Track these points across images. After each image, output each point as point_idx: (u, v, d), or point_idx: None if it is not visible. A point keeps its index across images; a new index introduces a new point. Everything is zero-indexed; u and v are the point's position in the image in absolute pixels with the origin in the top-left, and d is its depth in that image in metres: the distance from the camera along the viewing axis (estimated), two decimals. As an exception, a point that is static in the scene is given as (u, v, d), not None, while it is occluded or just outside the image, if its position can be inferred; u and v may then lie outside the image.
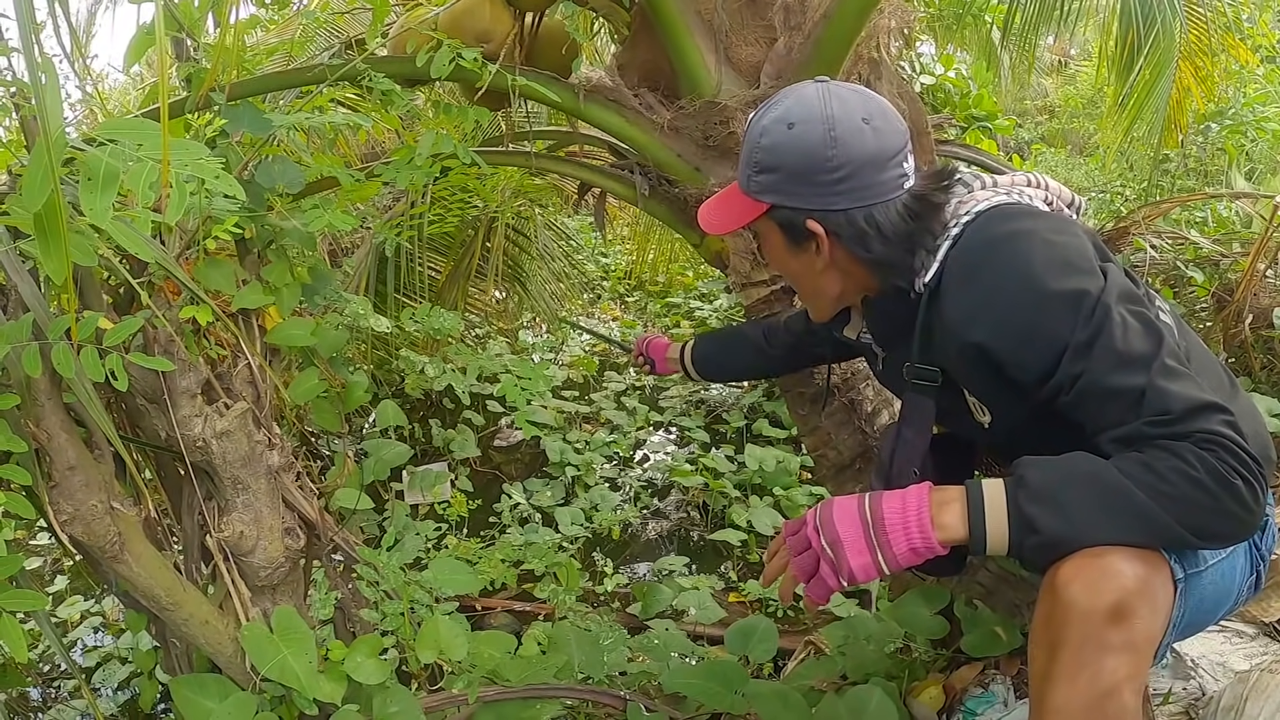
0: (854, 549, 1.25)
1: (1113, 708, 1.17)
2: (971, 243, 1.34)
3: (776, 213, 1.42)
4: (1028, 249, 1.27)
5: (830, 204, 1.37)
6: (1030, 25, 4.71)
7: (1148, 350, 1.19)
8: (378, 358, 4.26)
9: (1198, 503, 1.14)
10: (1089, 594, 1.18)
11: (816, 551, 1.29)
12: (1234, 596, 1.43)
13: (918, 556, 1.25)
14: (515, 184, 4.42)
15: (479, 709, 1.92)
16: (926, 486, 1.28)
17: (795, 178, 1.38)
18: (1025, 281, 1.25)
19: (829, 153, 1.35)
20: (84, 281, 1.57)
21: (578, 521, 3.77)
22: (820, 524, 1.28)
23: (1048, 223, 1.31)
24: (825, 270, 1.47)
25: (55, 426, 1.47)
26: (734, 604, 3.16)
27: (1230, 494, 1.13)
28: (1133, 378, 1.19)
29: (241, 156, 1.81)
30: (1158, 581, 1.21)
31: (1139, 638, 1.18)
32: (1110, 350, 1.20)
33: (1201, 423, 1.15)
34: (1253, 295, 3.17)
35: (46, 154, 0.90)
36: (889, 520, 1.25)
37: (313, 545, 1.91)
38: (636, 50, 2.43)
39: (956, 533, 1.23)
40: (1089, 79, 8.73)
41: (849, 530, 1.26)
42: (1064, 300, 1.22)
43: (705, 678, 2.03)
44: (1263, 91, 6.43)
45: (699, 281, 7.06)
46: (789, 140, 1.38)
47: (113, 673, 2.84)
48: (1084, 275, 1.24)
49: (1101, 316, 1.21)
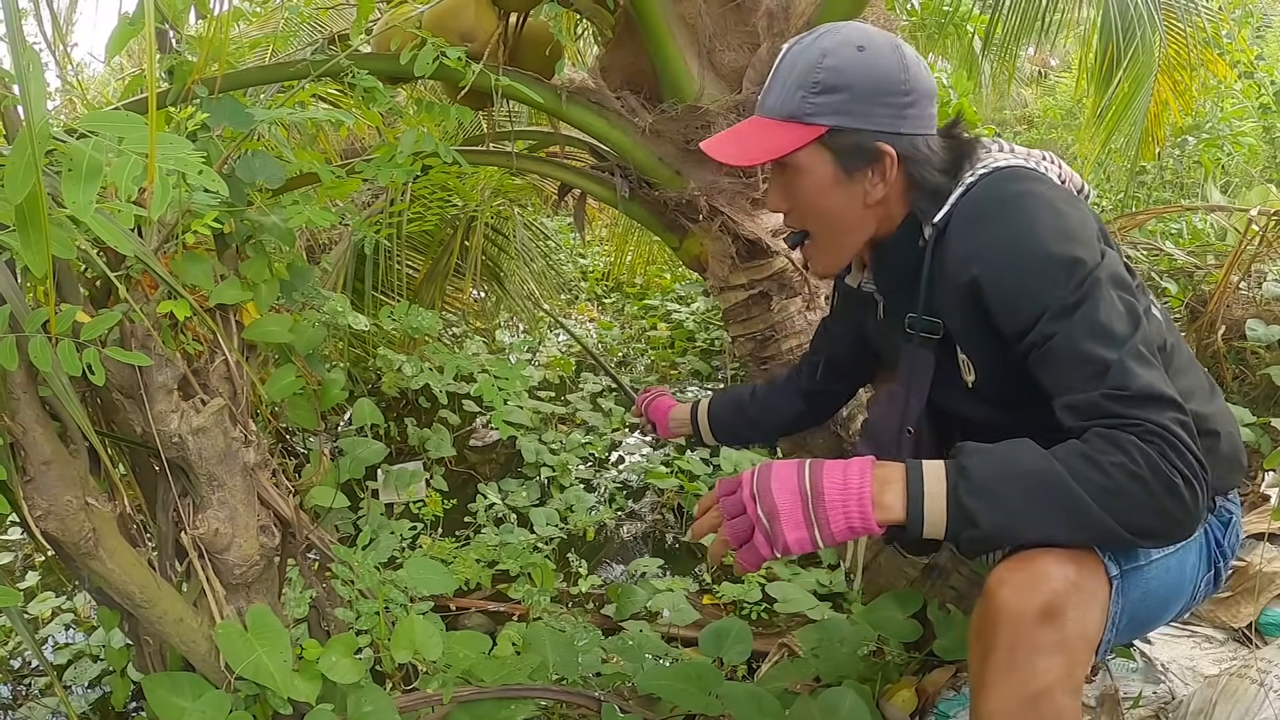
0: (790, 522, 1.23)
1: (1048, 709, 1.18)
2: (983, 193, 1.37)
3: (836, 136, 1.40)
4: (1035, 210, 1.30)
5: (899, 126, 1.39)
6: (1011, 36, 4.75)
7: (1125, 331, 1.22)
8: (355, 355, 4.24)
9: (1135, 499, 1.15)
10: (1018, 597, 1.19)
11: (751, 518, 1.26)
12: (1188, 593, 1.46)
13: (854, 534, 1.24)
14: (495, 183, 4.41)
15: (453, 709, 1.92)
16: (869, 461, 1.26)
17: (865, 98, 1.38)
18: (1026, 238, 1.28)
19: (902, 76, 1.38)
20: (61, 274, 1.55)
21: (553, 522, 3.77)
22: (757, 492, 1.26)
23: (1057, 192, 1.34)
24: (872, 204, 1.46)
25: (30, 421, 1.45)
26: (708, 606, 3.16)
27: (1169, 493, 1.15)
28: (1104, 350, 1.21)
29: (222, 150, 1.80)
30: (1090, 581, 1.24)
31: (1071, 638, 1.20)
32: (1090, 320, 1.23)
33: (1153, 413, 1.17)
34: (1226, 307, 3.21)
35: (29, 145, 0.90)
36: (829, 495, 1.23)
37: (288, 543, 1.90)
38: (620, 53, 2.43)
39: (895, 515, 1.23)
40: (1068, 90, 8.80)
41: (786, 502, 1.24)
42: (1059, 263, 1.25)
43: (679, 679, 2.03)
44: (1240, 106, 6.50)
45: (677, 284, 7.07)
46: (860, 61, 1.37)
47: (85, 670, 2.81)
48: (1083, 246, 1.27)
49: (1090, 288, 1.24)
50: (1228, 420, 1.47)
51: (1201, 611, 2.12)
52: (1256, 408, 2.98)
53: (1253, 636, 2.02)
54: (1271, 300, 3.20)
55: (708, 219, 2.30)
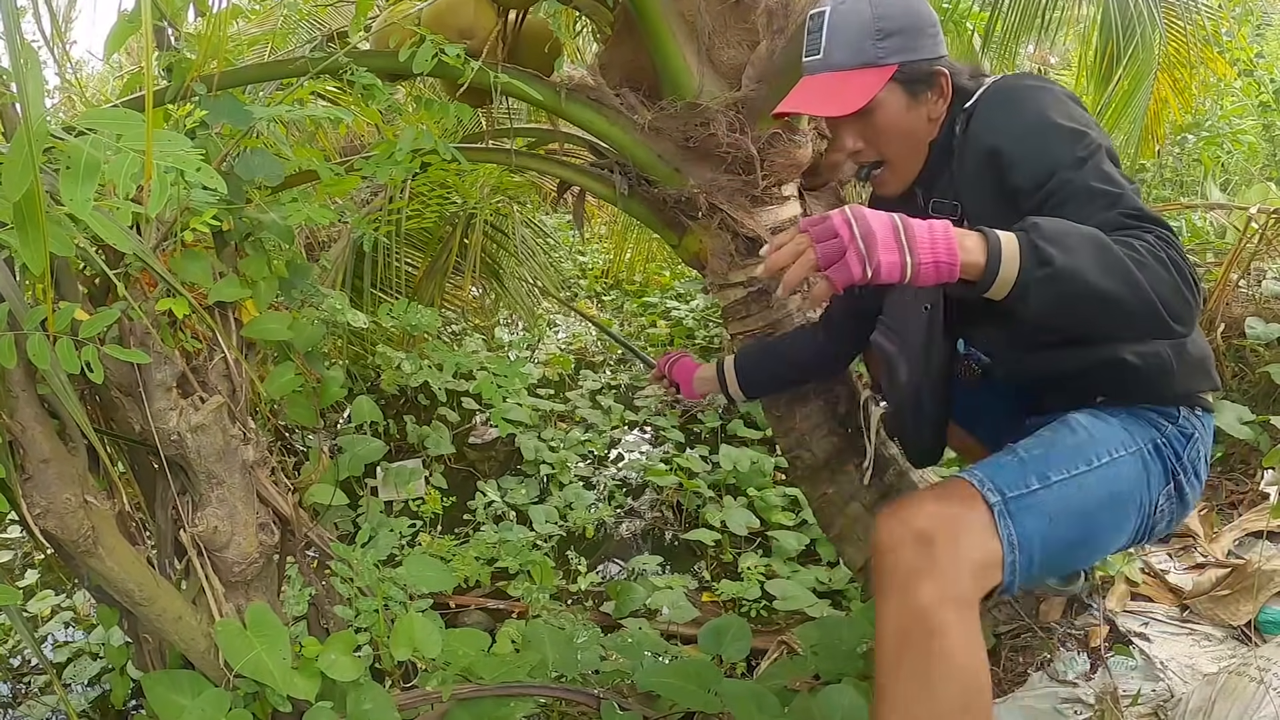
0: (886, 246, 1.28)
1: (921, 625, 1.29)
2: (1003, 84, 1.62)
3: (905, 70, 1.64)
4: (1048, 98, 1.54)
5: (938, 50, 1.66)
6: (1011, 33, 4.74)
7: (1122, 183, 1.44)
8: (354, 353, 4.23)
9: (1162, 276, 1.30)
10: (888, 534, 1.38)
11: (844, 241, 1.30)
12: (1137, 506, 1.56)
13: (939, 273, 1.30)
14: (494, 181, 4.41)
15: (453, 707, 1.92)
16: (947, 222, 1.33)
17: (915, 34, 1.64)
18: (1041, 114, 1.52)
19: (925, 9, 1.66)
20: (60, 272, 1.55)
21: (552, 520, 3.77)
22: (854, 217, 1.30)
23: (1068, 94, 1.57)
24: (935, 118, 1.69)
25: (29, 419, 1.45)
26: (707, 604, 3.17)
27: (1182, 278, 1.31)
28: (1111, 187, 1.43)
29: (220, 148, 1.80)
30: (961, 510, 1.40)
31: (942, 559, 1.33)
32: (1098, 169, 1.45)
33: (1158, 228, 1.36)
34: (1225, 305, 3.21)
35: (27, 142, 0.89)
36: (918, 234, 1.30)
37: (287, 541, 1.90)
38: (619, 50, 2.43)
39: (976, 257, 1.30)
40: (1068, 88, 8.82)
41: (882, 229, 1.29)
42: (1069, 132, 1.48)
43: (679, 677, 2.03)
44: (1239, 104, 6.50)
45: (676, 281, 7.06)
46: (900, 5, 1.64)
47: (84, 668, 2.81)
48: (1086, 125, 1.50)
49: (1094, 151, 1.46)
50: (1199, 333, 1.65)
51: (1201, 610, 2.12)
52: (1256, 405, 2.97)
53: (1252, 634, 2.02)
54: (1271, 298, 3.19)
55: (707, 216, 2.30)
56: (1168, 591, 2.24)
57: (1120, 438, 1.56)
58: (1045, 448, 1.52)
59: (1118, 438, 1.56)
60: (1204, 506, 2.66)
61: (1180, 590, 2.22)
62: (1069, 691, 1.94)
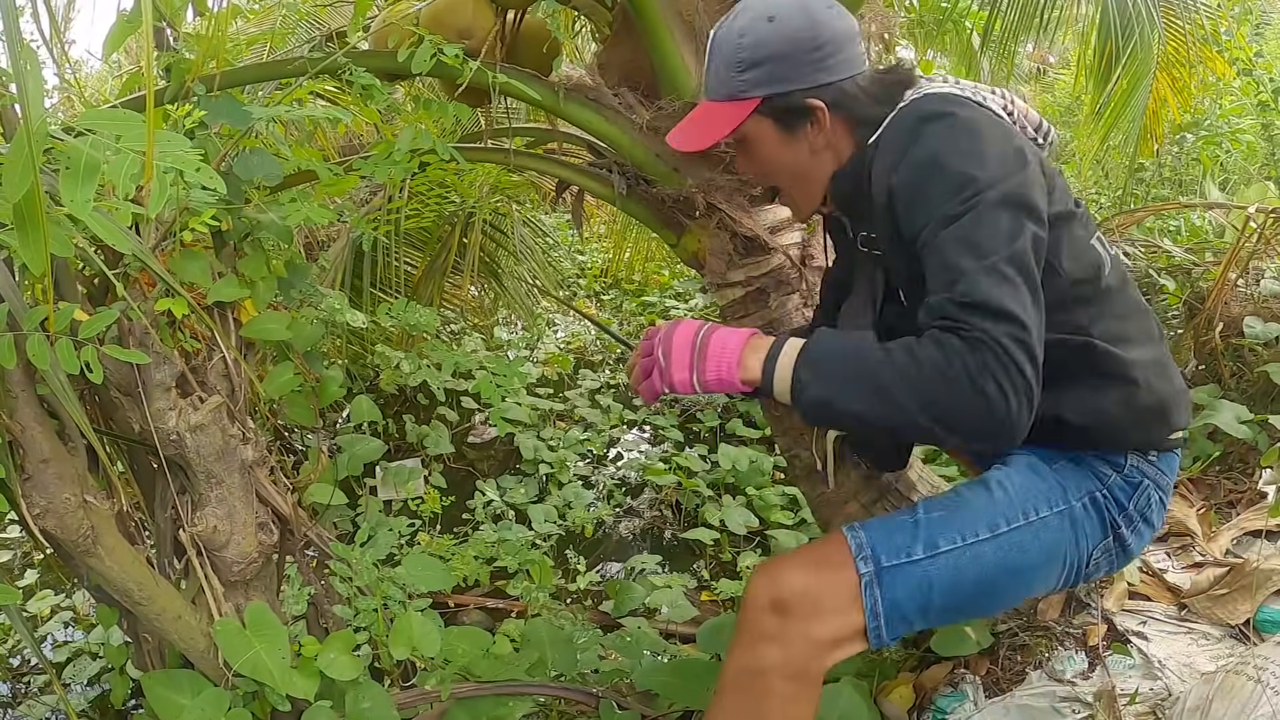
0: (679, 365, 1.44)
1: (760, 686, 1.39)
2: (906, 114, 1.47)
3: (770, 104, 1.54)
4: (945, 129, 1.39)
5: (823, 79, 1.51)
6: (1010, 33, 4.74)
7: (993, 248, 1.28)
8: (353, 352, 4.24)
9: (939, 395, 1.25)
10: (758, 587, 1.42)
11: (654, 359, 1.48)
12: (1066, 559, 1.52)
13: (723, 386, 1.42)
14: (493, 180, 4.41)
15: (451, 706, 1.92)
16: (752, 331, 1.45)
17: (785, 62, 1.51)
18: (929, 154, 1.38)
19: (813, 32, 1.49)
20: (60, 272, 1.55)
21: (551, 519, 3.77)
22: (663, 336, 1.47)
23: (978, 116, 1.42)
24: (819, 150, 1.58)
25: (29, 419, 1.45)
26: (706, 602, 3.17)
27: (980, 396, 1.22)
28: (965, 259, 1.29)
29: (219, 148, 1.80)
30: (829, 585, 1.40)
31: (792, 633, 1.38)
32: (963, 233, 1.31)
33: (988, 324, 1.24)
34: (1223, 304, 3.21)
35: (27, 143, 0.90)
36: (711, 350, 1.43)
37: (286, 541, 1.90)
38: (617, 50, 2.43)
39: (753, 374, 1.40)
40: (1067, 87, 8.80)
41: (680, 348, 1.44)
42: (953, 178, 1.34)
43: (677, 676, 2.04)
44: (1238, 104, 6.50)
45: (675, 281, 7.06)
46: (772, 31, 1.50)
47: (84, 668, 2.81)
48: (983, 166, 1.34)
49: (973, 205, 1.31)
50: (1160, 375, 1.52)
51: (1199, 609, 2.12)
52: (1254, 405, 2.98)
53: (1250, 633, 2.02)
54: (1269, 297, 3.19)
55: (705, 215, 2.30)
56: (1166, 590, 2.24)
57: (1048, 495, 1.50)
58: (949, 510, 1.47)
59: (1044, 495, 1.50)
60: (1202, 505, 2.67)
61: (1178, 589, 2.22)
62: (1067, 690, 1.94)
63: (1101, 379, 1.49)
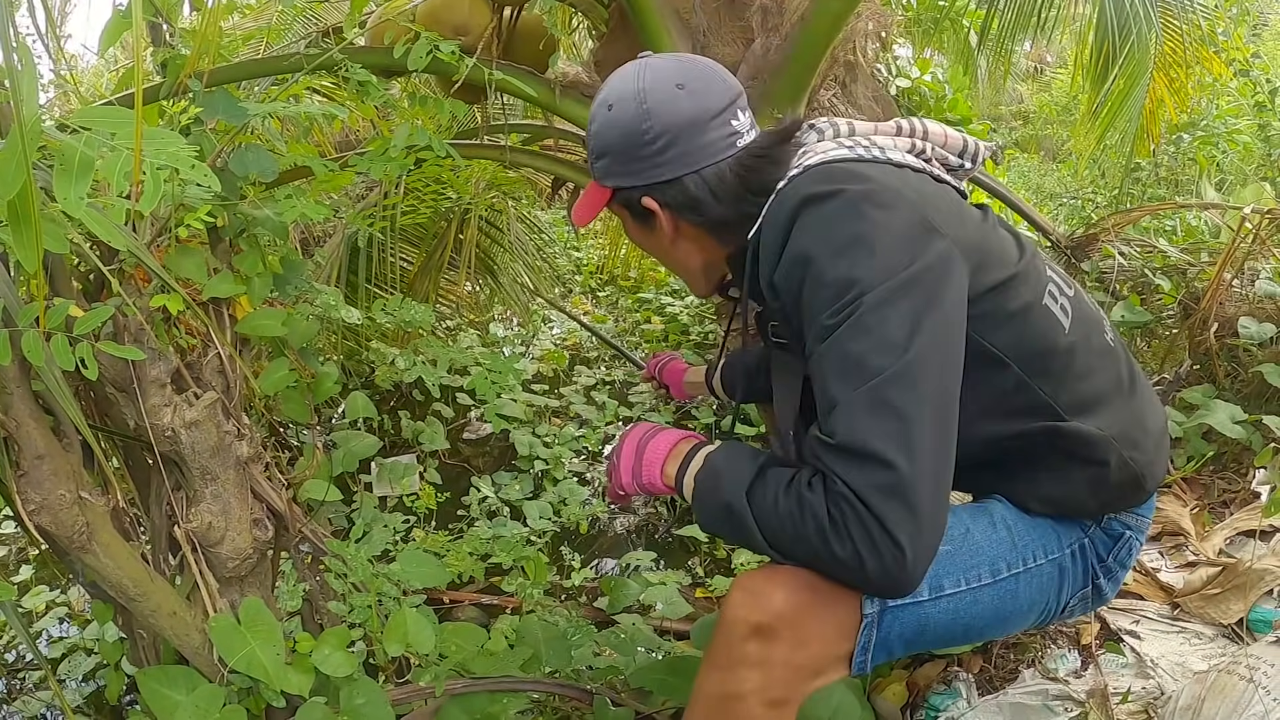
0: (625, 469, 1.45)
1: (735, 710, 1.29)
2: (784, 198, 1.30)
3: (619, 195, 1.43)
4: (821, 218, 1.24)
5: (657, 176, 1.36)
6: (1008, 32, 4.75)
7: (875, 366, 1.14)
8: (348, 349, 4.23)
9: (797, 552, 1.22)
10: (738, 606, 1.28)
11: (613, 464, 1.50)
12: (1047, 605, 1.47)
13: (654, 490, 1.44)
14: (489, 176, 4.41)
15: (446, 702, 1.93)
16: (683, 436, 1.43)
17: (622, 157, 1.38)
18: (801, 252, 1.24)
19: (644, 125, 1.34)
20: (54, 268, 1.55)
21: (546, 515, 3.77)
22: (619, 443, 1.49)
23: (865, 188, 1.24)
24: (676, 243, 1.47)
25: (24, 415, 1.45)
26: (701, 599, 3.17)
27: (832, 559, 1.15)
28: (838, 386, 1.17)
29: (215, 144, 1.80)
30: (822, 613, 1.28)
31: (775, 660, 1.26)
32: (840, 350, 1.18)
33: (851, 472, 1.13)
34: (1218, 304, 3.22)
35: (20, 140, 0.89)
36: (648, 456, 1.43)
37: (281, 537, 1.90)
38: (614, 47, 2.43)
39: (670, 482, 1.40)
40: (1064, 86, 8.82)
41: (626, 454, 1.46)
42: (827, 282, 1.20)
43: (671, 673, 2.04)
44: (1235, 104, 6.52)
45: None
46: (609, 121, 1.38)
47: (79, 664, 2.81)
48: (865, 258, 1.18)
49: (853, 311, 1.17)
50: (1131, 443, 1.41)
51: (1191, 608, 2.13)
52: (1248, 405, 2.98)
53: (1242, 633, 2.03)
54: (1264, 298, 3.20)
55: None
56: (1159, 589, 2.25)
57: (1044, 542, 1.43)
58: (955, 545, 1.37)
59: (1041, 542, 1.43)
60: (1195, 505, 2.68)
61: (1171, 588, 2.23)
62: (1059, 688, 1.95)
63: (1069, 461, 1.39)
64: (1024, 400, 1.35)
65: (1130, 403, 1.44)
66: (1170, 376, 2.67)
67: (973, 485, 1.55)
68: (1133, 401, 1.45)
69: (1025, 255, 1.39)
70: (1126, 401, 1.44)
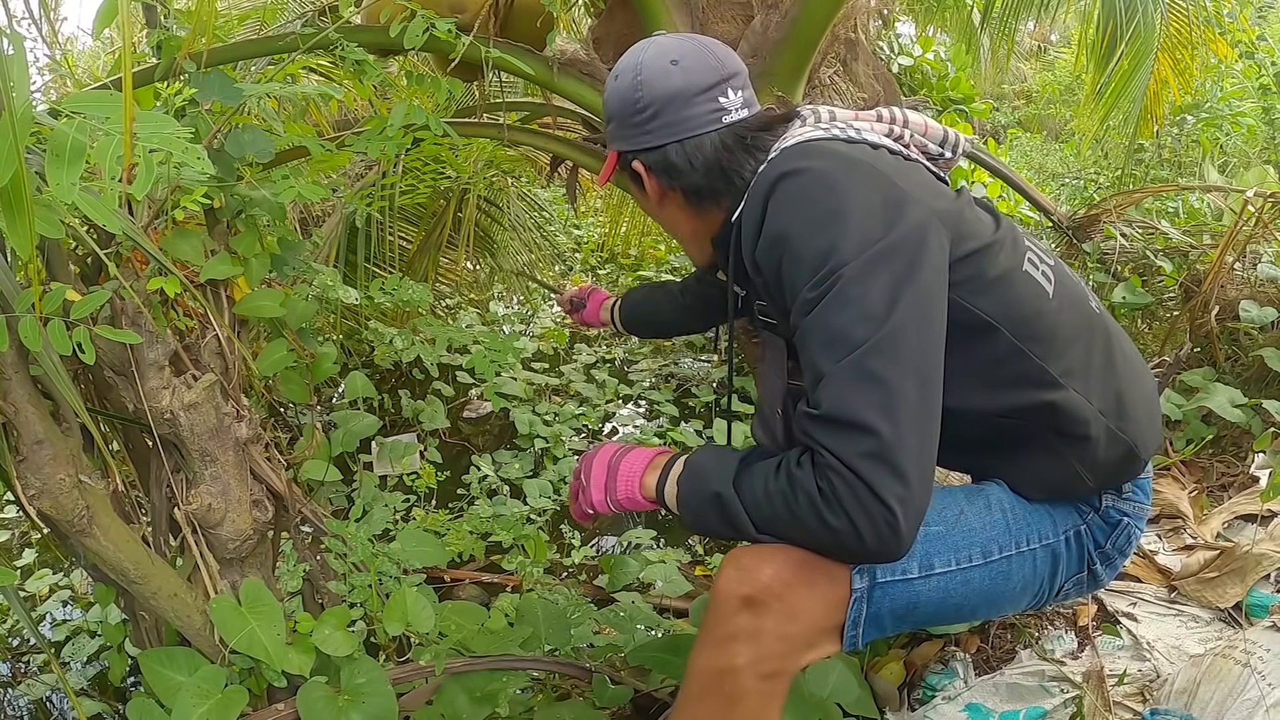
0: (596, 487, 1.48)
1: (730, 685, 1.30)
2: (763, 176, 1.35)
3: (621, 159, 1.52)
4: (796, 192, 1.27)
5: (646, 142, 1.45)
6: (1011, 10, 4.73)
7: (858, 336, 1.17)
8: (347, 328, 4.23)
9: (790, 531, 1.24)
10: (729, 581, 1.31)
11: (580, 482, 1.52)
12: (1040, 589, 1.48)
13: (632, 504, 1.46)
14: (488, 155, 4.39)
15: (446, 681, 1.93)
16: (660, 451, 1.47)
17: (620, 123, 1.49)
18: (780, 227, 1.28)
19: (636, 95, 1.43)
20: (51, 253, 1.55)
21: (546, 494, 3.78)
22: (585, 460, 1.52)
23: (837, 164, 1.28)
24: (663, 206, 1.54)
25: (22, 400, 1.45)
26: (700, 577, 3.18)
27: (828, 532, 1.18)
28: (823, 358, 1.20)
29: (211, 125, 1.79)
30: (812, 588, 1.30)
31: (766, 632, 1.28)
32: (823, 322, 1.20)
33: (838, 442, 1.16)
34: (1220, 287, 3.21)
35: (11, 127, 0.89)
36: (622, 472, 1.46)
37: (281, 517, 1.90)
38: (612, 23, 2.42)
39: (650, 493, 1.43)
40: (1067, 66, 8.76)
41: (597, 472, 1.49)
42: (805, 256, 1.23)
43: (670, 651, 2.04)
44: (1239, 87, 6.48)
45: (671, 255, 7.05)
46: (613, 90, 1.49)
47: (82, 646, 2.82)
48: (839, 231, 1.21)
49: (834, 284, 1.19)
50: (1118, 406, 1.42)
51: (1189, 591, 2.13)
52: (1248, 389, 2.98)
53: (1239, 618, 2.03)
54: (1266, 281, 3.19)
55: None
56: (1156, 572, 2.26)
57: (1039, 527, 1.45)
58: (947, 526, 1.40)
59: (1036, 527, 1.45)
60: (1194, 488, 2.68)
61: (1169, 571, 2.24)
62: (1056, 669, 1.96)
63: (1060, 439, 1.40)
64: (1018, 368, 1.36)
65: (1118, 371, 1.45)
66: (1170, 359, 2.66)
67: (971, 467, 1.58)
68: (1121, 370, 1.46)
69: (1001, 227, 1.43)
70: (1115, 370, 1.45)
